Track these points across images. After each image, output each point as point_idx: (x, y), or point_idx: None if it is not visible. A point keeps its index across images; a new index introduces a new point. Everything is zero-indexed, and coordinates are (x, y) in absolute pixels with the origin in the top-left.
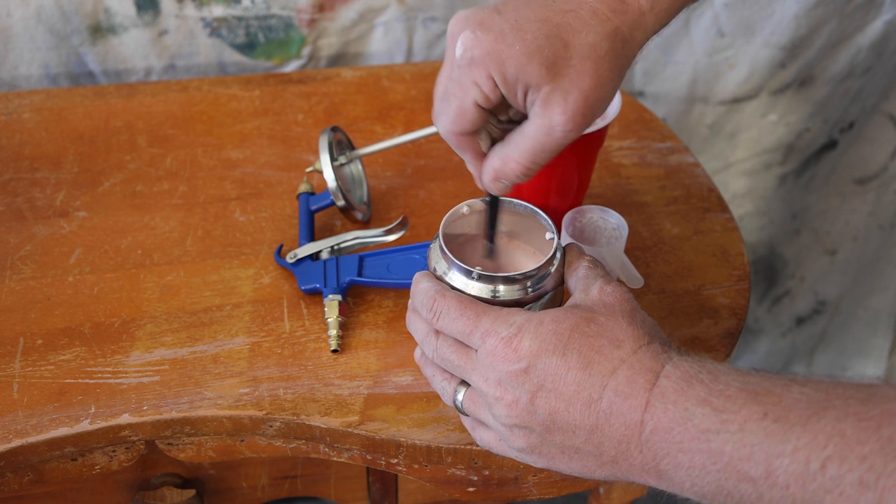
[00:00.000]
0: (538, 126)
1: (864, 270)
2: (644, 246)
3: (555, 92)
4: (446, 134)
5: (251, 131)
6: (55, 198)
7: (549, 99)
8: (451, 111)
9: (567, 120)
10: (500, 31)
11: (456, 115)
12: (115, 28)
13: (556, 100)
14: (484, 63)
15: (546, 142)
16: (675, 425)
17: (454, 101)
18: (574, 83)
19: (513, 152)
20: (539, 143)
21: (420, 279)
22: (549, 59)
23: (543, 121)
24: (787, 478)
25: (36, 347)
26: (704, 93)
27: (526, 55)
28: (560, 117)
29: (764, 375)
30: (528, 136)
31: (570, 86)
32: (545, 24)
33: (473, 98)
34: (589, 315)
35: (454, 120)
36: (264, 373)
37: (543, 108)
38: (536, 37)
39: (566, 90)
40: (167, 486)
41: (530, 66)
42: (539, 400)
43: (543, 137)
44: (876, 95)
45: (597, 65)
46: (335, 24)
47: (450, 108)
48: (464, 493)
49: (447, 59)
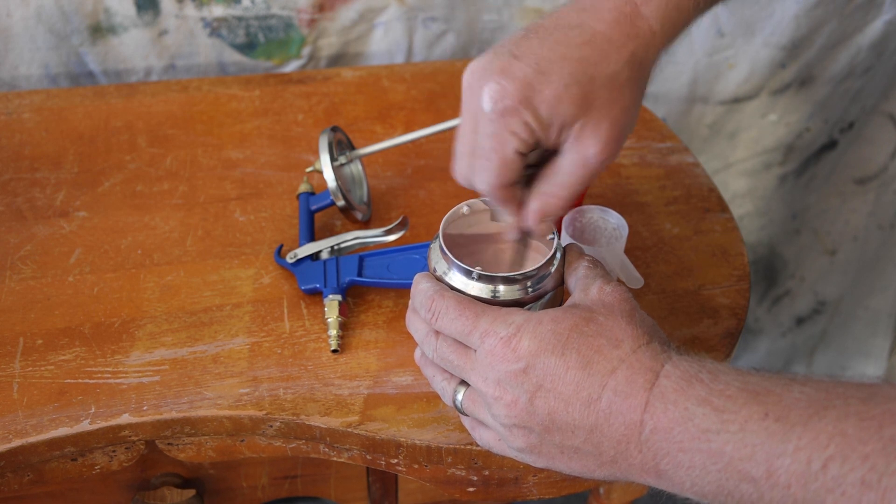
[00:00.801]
0: (573, 160)
1: (864, 270)
2: (644, 246)
3: (587, 126)
4: (491, 190)
5: (251, 131)
6: (55, 198)
7: (582, 133)
8: (493, 165)
9: (601, 150)
10: (524, 78)
11: (500, 168)
12: (115, 28)
13: (588, 133)
14: (517, 111)
15: (583, 173)
16: (676, 425)
17: (494, 155)
18: (604, 114)
19: (552, 189)
20: (576, 176)
21: (420, 280)
22: (579, 95)
23: (578, 155)
24: (788, 478)
25: (36, 347)
26: (704, 93)
27: (556, 97)
28: (594, 149)
29: (764, 375)
30: (564, 172)
31: (600, 117)
32: (566, 61)
33: (514, 147)
34: (588, 315)
35: (499, 174)
36: (264, 373)
37: (576, 142)
38: (562, 76)
39: (598, 121)
40: (167, 486)
41: (562, 106)
42: (538, 400)
43: (579, 170)
44: (876, 95)
45: (621, 93)
46: (335, 24)
47: (490, 163)
48: (464, 493)
49: (467, 111)
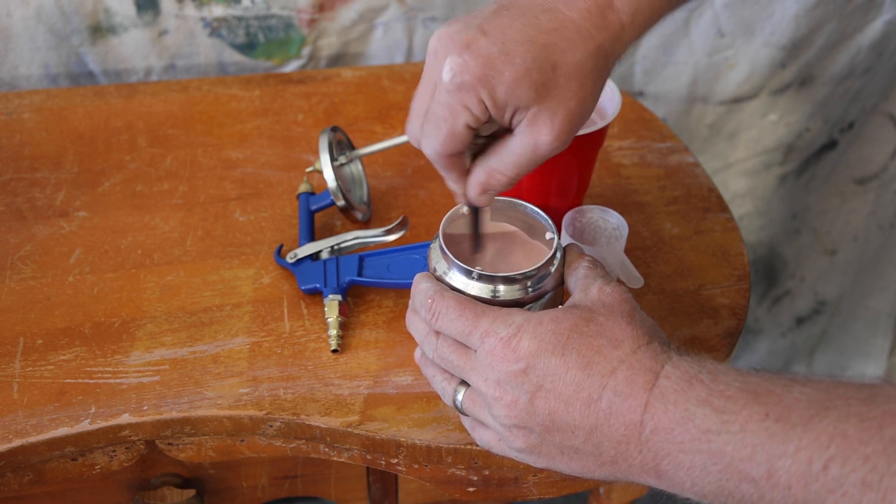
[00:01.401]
0: (524, 143)
1: (864, 270)
2: (644, 246)
3: (542, 112)
4: (435, 156)
5: (251, 131)
6: (55, 198)
7: (536, 118)
8: (442, 134)
9: (553, 138)
10: (488, 56)
11: (447, 138)
12: (115, 28)
13: (543, 119)
14: (474, 88)
15: (531, 156)
16: (676, 425)
17: (444, 124)
18: (561, 103)
19: (498, 165)
20: (524, 158)
21: (420, 280)
22: (538, 82)
23: (529, 139)
24: (789, 478)
25: (36, 347)
26: (704, 93)
27: (515, 80)
28: (546, 136)
29: (764, 375)
30: (513, 151)
31: (556, 106)
32: (532, 45)
33: (465, 121)
34: (588, 315)
35: (445, 142)
36: (264, 373)
37: (530, 126)
38: (525, 60)
39: (553, 110)
40: (167, 486)
41: (520, 90)
42: (538, 400)
43: (529, 153)
44: (876, 95)
45: (582, 84)
46: (335, 24)
47: (439, 131)
48: (464, 493)
49: (428, 75)
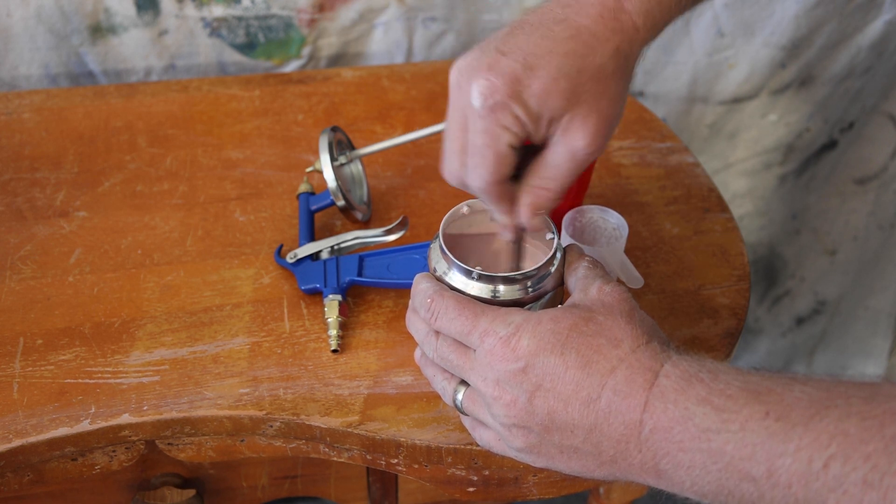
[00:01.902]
0: (561, 153)
1: (864, 270)
2: (644, 246)
3: (575, 118)
4: (486, 186)
5: (251, 131)
6: (55, 198)
7: (570, 125)
8: (488, 162)
9: (589, 143)
10: (512, 73)
11: (494, 164)
12: (115, 28)
13: (576, 125)
14: (507, 106)
15: (571, 165)
16: (676, 424)
17: (488, 151)
18: (592, 106)
19: (542, 182)
20: (564, 168)
21: (420, 280)
22: (566, 89)
23: (565, 147)
24: (789, 477)
25: (36, 347)
26: (704, 93)
27: (545, 91)
28: (581, 141)
29: (764, 374)
30: (553, 164)
31: (588, 110)
32: (553, 55)
33: (507, 142)
34: (587, 314)
35: (494, 170)
36: (264, 373)
37: (564, 135)
38: (549, 70)
39: (585, 115)
40: (167, 486)
41: (550, 100)
42: (537, 399)
43: (568, 162)
44: (876, 95)
45: (607, 85)
46: (335, 24)
47: (484, 159)
48: (464, 493)
49: (455, 108)
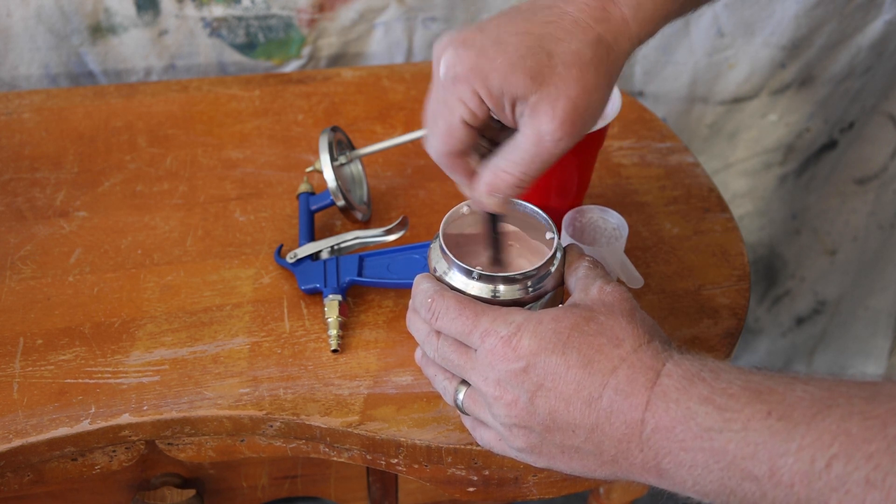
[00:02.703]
0: (527, 136)
1: (864, 270)
2: (644, 246)
3: (542, 101)
4: (437, 155)
5: (251, 131)
6: (55, 198)
7: (537, 108)
8: (440, 131)
9: (556, 128)
10: (481, 47)
11: (444, 135)
12: (115, 28)
13: (543, 108)
14: (467, 79)
15: (536, 151)
16: (677, 424)
17: (442, 121)
18: (561, 90)
19: (503, 163)
20: (529, 153)
21: (420, 280)
22: (533, 68)
23: (531, 130)
24: (791, 476)
25: (36, 347)
26: (704, 93)
27: (509, 66)
28: (549, 125)
29: (766, 374)
30: (517, 147)
31: (557, 93)
32: (527, 35)
33: (460, 115)
34: (588, 314)
35: (443, 140)
36: (264, 373)
37: (531, 117)
38: (518, 48)
39: (554, 98)
40: (167, 486)
41: (514, 77)
42: (538, 399)
43: (533, 147)
44: (876, 95)
45: (582, 71)
46: (335, 24)
47: (438, 128)
48: (464, 493)
49: (434, 80)
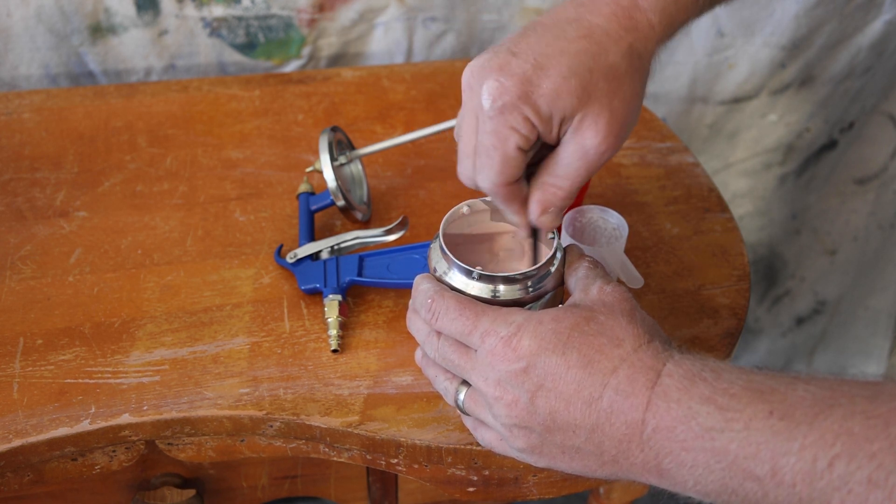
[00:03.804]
0: (572, 151)
1: (864, 270)
2: (644, 246)
3: (586, 117)
4: (494, 188)
5: (251, 131)
6: (55, 198)
7: (581, 125)
8: (496, 163)
9: (600, 142)
10: (522, 74)
11: (502, 166)
12: (115, 28)
13: (587, 124)
14: (517, 107)
15: (581, 165)
16: (679, 424)
17: (495, 152)
18: (604, 105)
19: (552, 179)
20: (574, 167)
21: (420, 281)
22: (578, 87)
23: (576, 146)
24: (793, 476)
25: (36, 347)
26: (704, 93)
27: (556, 91)
28: (593, 140)
29: (768, 374)
30: (562, 162)
31: (600, 108)
32: (564, 55)
33: (516, 143)
34: (589, 314)
35: (501, 171)
36: (264, 373)
37: (576, 133)
38: (560, 70)
39: (597, 113)
40: (167, 486)
41: (562, 100)
42: (539, 399)
43: (579, 161)
44: (876, 95)
45: (620, 83)
46: (335, 24)
47: (492, 160)
48: (464, 493)
49: (468, 110)
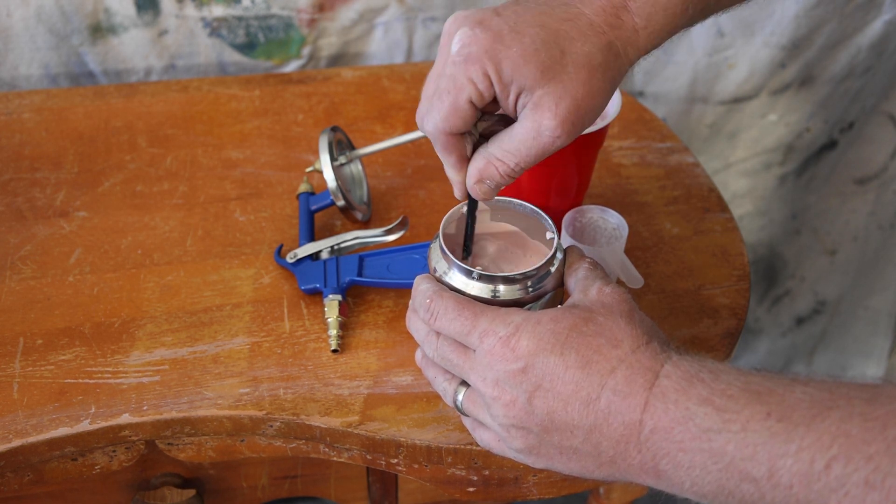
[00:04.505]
0: (526, 128)
1: (864, 270)
2: (644, 246)
3: (547, 96)
4: (435, 132)
5: (251, 131)
6: (55, 198)
7: (541, 102)
8: (444, 108)
9: (556, 125)
10: (498, 31)
11: (448, 112)
12: (115, 28)
13: (547, 104)
14: (481, 60)
15: (532, 145)
16: (676, 425)
17: (447, 97)
18: (567, 89)
19: (498, 152)
20: (525, 145)
21: (420, 281)
22: (545, 63)
23: (532, 123)
24: (790, 478)
25: (36, 347)
26: (704, 93)
27: (523, 57)
28: (550, 121)
29: (766, 375)
30: (514, 137)
31: (563, 91)
32: (543, 29)
33: (468, 95)
34: (587, 315)
35: (446, 117)
36: (264, 373)
37: (533, 110)
38: (534, 40)
39: (559, 95)
40: (167, 486)
41: (526, 68)
42: (537, 400)
43: (530, 140)
44: (876, 95)
45: (591, 74)
46: (335, 24)
47: (442, 104)
48: (464, 493)
49: (440, 56)
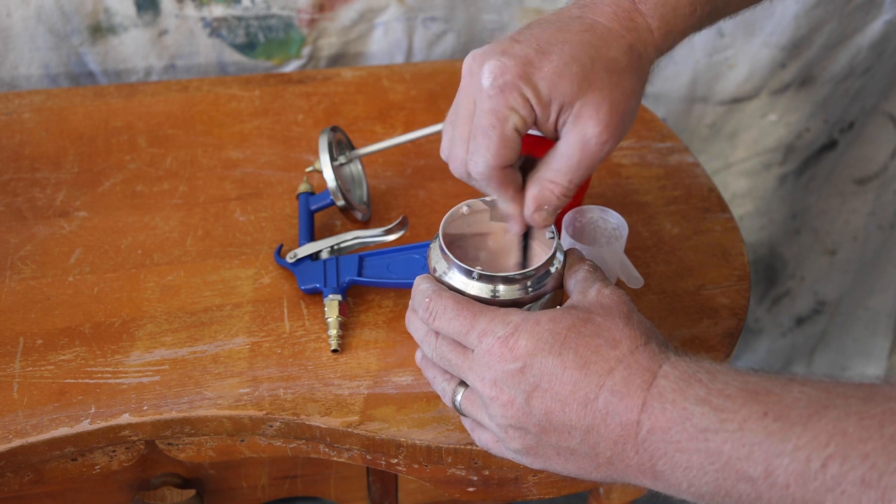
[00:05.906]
0: (571, 142)
1: (864, 270)
2: (644, 246)
3: (586, 105)
4: (487, 170)
5: (251, 131)
6: (55, 198)
7: (581, 113)
8: (492, 144)
9: (601, 130)
10: (524, 56)
11: (498, 147)
12: (115, 28)
13: (587, 112)
14: (517, 86)
15: (582, 157)
16: (673, 425)
17: (493, 132)
18: (604, 95)
19: (548, 174)
20: (575, 160)
21: (420, 281)
22: (579, 75)
23: (576, 135)
24: (787, 477)
25: (36, 347)
26: (704, 93)
27: (556, 74)
28: (594, 128)
29: (763, 375)
30: (563, 155)
31: (601, 98)
32: (567, 44)
33: (513, 124)
34: (586, 315)
35: (497, 153)
36: (264, 373)
37: (575, 122)
38: (562, 56)
39: (598, 102)
40: (167, 486)
41: (562, 84)
42: (535, 400)
43: (579, 153)
44: (876, 95)
45: (621, 77)
46: (335, 24)
47: (489, 140)
48: (464, 493)
49: (465, 94)
